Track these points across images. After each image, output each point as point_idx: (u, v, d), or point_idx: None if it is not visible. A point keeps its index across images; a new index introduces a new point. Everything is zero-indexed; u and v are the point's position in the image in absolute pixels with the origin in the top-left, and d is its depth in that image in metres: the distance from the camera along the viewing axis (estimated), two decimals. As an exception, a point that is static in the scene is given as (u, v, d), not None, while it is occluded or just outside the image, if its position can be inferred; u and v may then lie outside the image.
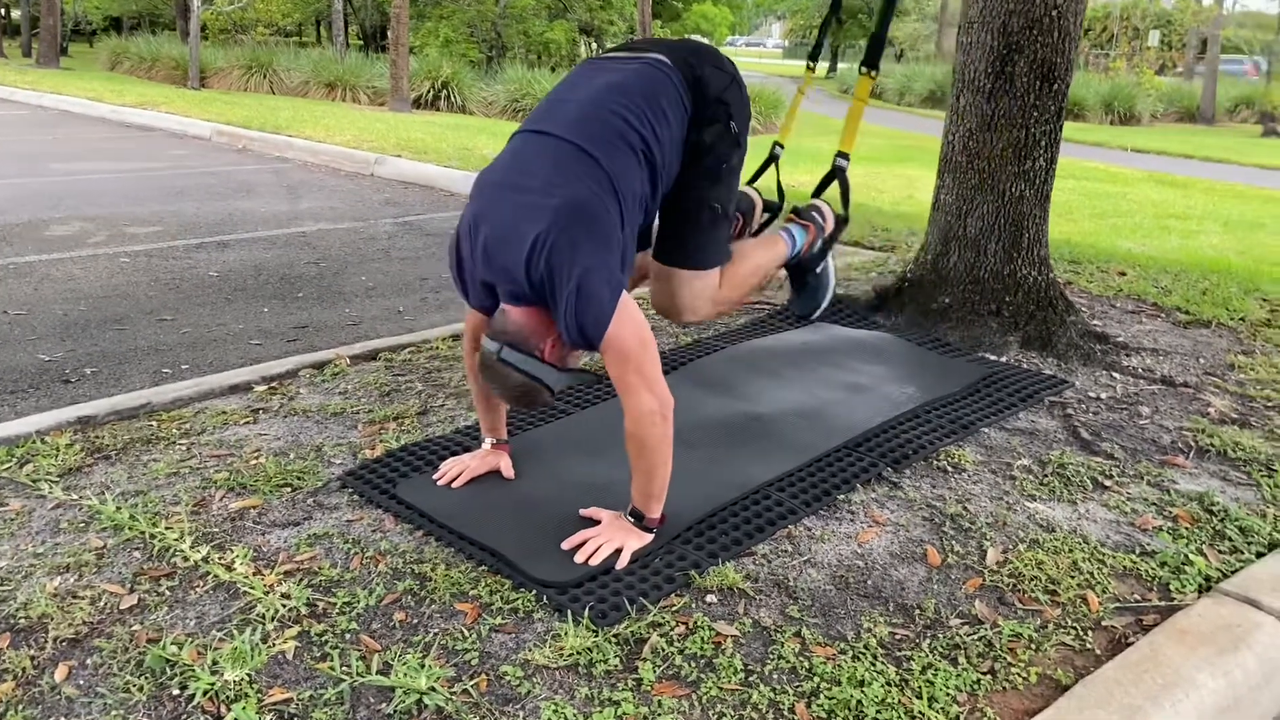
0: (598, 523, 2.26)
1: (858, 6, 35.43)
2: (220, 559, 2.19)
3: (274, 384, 3.24)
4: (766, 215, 2.85)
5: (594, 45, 26.34)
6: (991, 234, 3.48)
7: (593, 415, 2.89)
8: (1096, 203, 10.57)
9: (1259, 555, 2.30)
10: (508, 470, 2.52)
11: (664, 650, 1.90)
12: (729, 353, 3.27)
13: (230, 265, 5.30)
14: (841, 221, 2.72)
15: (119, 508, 2.39)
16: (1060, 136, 3.48)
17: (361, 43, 27.51)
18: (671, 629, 1.97)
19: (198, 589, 2.08)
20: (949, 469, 2.65)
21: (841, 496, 2.47)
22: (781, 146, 2.98)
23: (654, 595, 2.06)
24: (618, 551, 2.17)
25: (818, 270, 2.73)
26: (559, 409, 2.93)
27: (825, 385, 3.06)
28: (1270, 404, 3.18)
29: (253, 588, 2.08)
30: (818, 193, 2.80)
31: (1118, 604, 2.10)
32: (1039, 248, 3.54)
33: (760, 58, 58.57)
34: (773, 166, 2.94)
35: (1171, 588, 2.16)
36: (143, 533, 2.28)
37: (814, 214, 2.72)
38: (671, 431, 2.14)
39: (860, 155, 15.54)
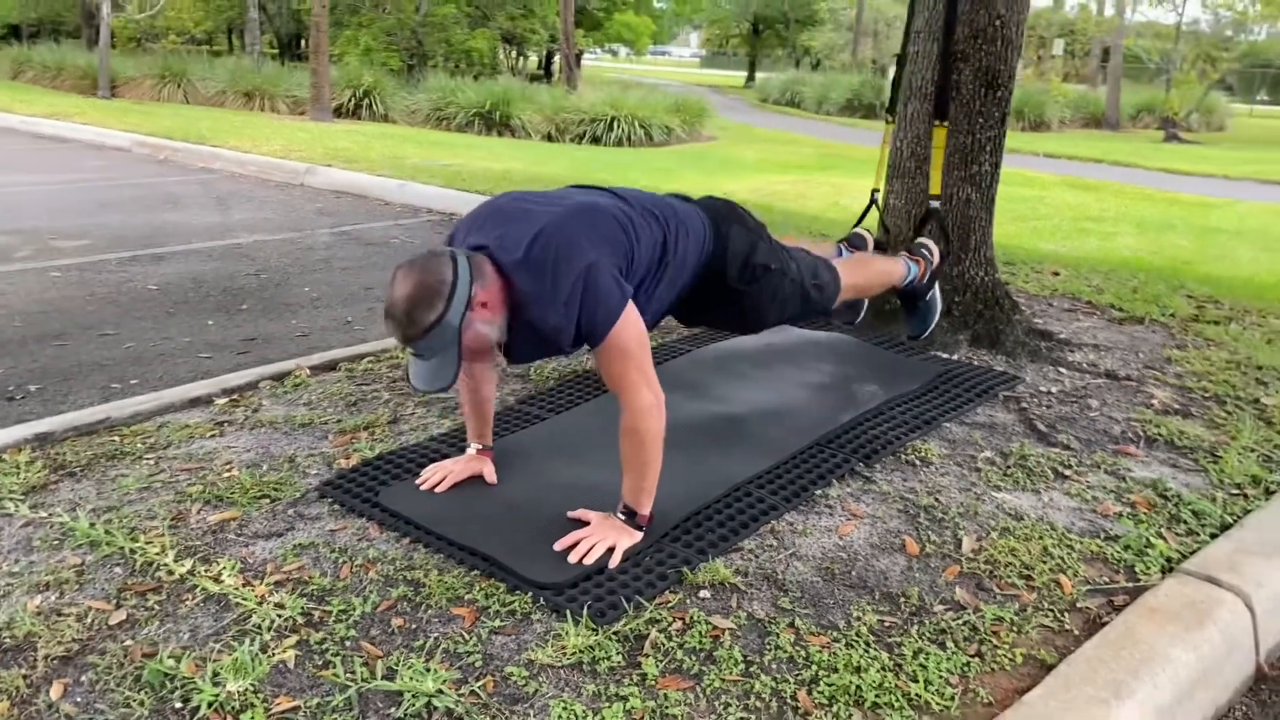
0: (587, 524, 2.29)
1: (774, 18, 35.99)
2: (207, 571, 2.16)
3: (235, 396, 3.20)
4: (878, 252, 3.34)
5: (515, 54, 26.30)
6: (940, 236, 3.59)
7: (568, 420, 2.92)
8: (1016, 206, 10.89)
9: (1213, 536, 2.42)
10: (490, 475, 2.53)
11: (664, 645, 1.94)
12: (695, 356, 3.33)
13: (168, 278, 5.19)
14: (945, 256, 3.15)
15: (93, 524, 2.34)
16: (1004, 141, 3.62)
17: (276, 51, 27.05)
18: (669, 624, 2.01)
19: (187, 602, 2.06)
20: (917, 463, 2.74)
21: (819, 492, 2.54)
22: (878, 191, 3.47)
23: (649, 592, 2.09)
24: (610, 551, 2.20)
25: (927, 297, 3.17)
26: (534, 414, 2.95)
27: (792, 385, 3.13)
28: (1207, 395, 3.34)
29: (244, 599, 2.06)
30: (918, 232, 3.27)
31: (1089, 586, 2.20)
32: (985, 249, 3.67)
33: (677, 66, 59.06)
34: (874, 209, 3.48)
35: (1137, 569, 2.27)
36: (121, 548, 2.25)
37: (923, 250, 3.15)
38: (664, 428, 2.19)
39: (787, 164, 15.88)
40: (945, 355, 3.53)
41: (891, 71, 3.73)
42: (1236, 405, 3.25)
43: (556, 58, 32.57)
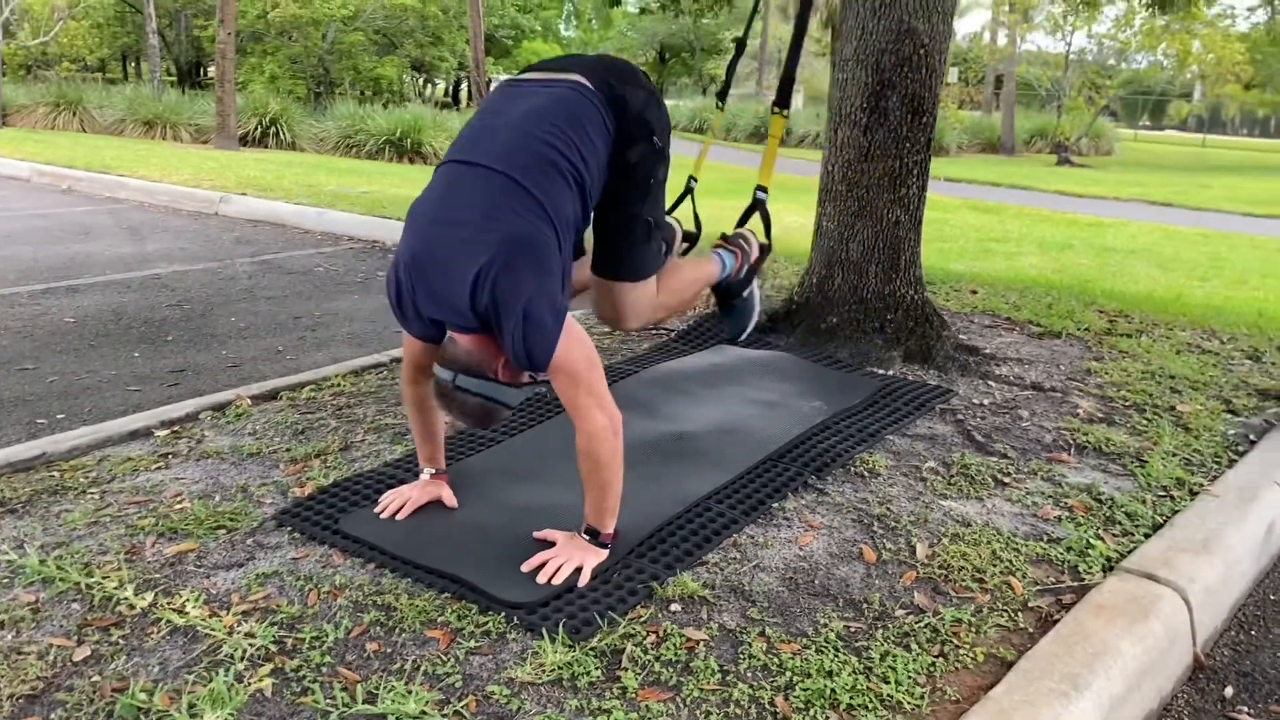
0: (552, 544, 2.31)
1: (680, 46, 36.51)
2: (169, 604, 2.13)
3: (175, 428, 3.14)
4: (685, 244, 2.96)
5: (423, 81, 26.18)
6: (872, 257, 3.72)
7: (521, 442, 2.94)
8: (924, 229, 11.21)
9: (1146, 536, 2.55)
10: (450, 499, 2.53)
11: (641, 659, 1.97)
12: (643, 376, 3.38)
13: (86, 310, 5.05)
14: (765, 249, 2.89)
15: (43, 560, 2.28)
16: (929, 165, 3.77)
17: (174, 79, 26.49)
18: (644, 638, 2.04)
19: (153, 635, 2.02)
20: (866, 474, 2.83)
21: (775, 505, 2.61)
22: (695, 180, 3.10)
23: (621, 608, 2.12)
24: (578, 570, 2.23)
25: (744, 295, 2.89)
26: (488, 437, 2.96)
27: (739, 402, 3.20)
28: (1128, 404, 3.51)
29: (213, 629, 2.03)
30: (741, 223, 2.95)
31: (1038, 586, 2.30)
32: (914, 268, 3.81)
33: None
34: (689, 198, 3.06)
35: (1080, 569, 2.38)
36: (77, 583, 2.19)
37: (741, 241, 2.88)
38: (622, 447, 2.22)
39: (699, 189, 16.02)
40: (881, 371, 3.65)
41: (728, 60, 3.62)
42: (1155, 413, 3.42)
43: (464, 85, 32.57)
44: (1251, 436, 3.28)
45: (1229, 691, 2.19)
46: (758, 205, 2.96)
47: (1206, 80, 30.01)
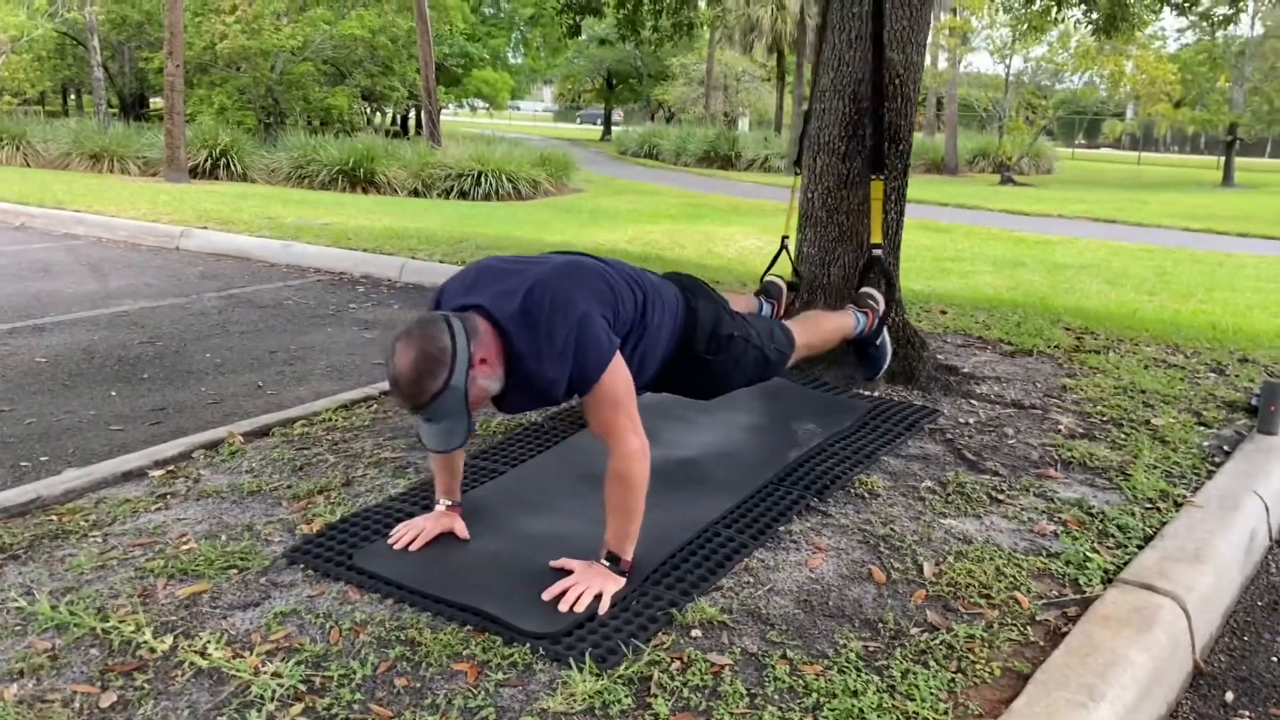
0: (570, 572, 2.34)
1: (628, 73, 36.76)
2: (190, 646, 2.12)
3: (170, 468, 3.12)
4: (792, 294, 3.45)
5: (373, 110, 26.08)
6: (853, 281, 3.79)
7: (526, 473, 2.96)
8: (881, 250, 11.39)
9: (1139, 548, 2.63)
10: (462, 531, 2.55)
11: (669, 685, 2.00)
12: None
13: (56, 350, 4.98)
14: (890, 303, 3.30)
15: (54, 606, 2.26)
16: (906, 191, 3.87)
17: (117, 111, 26.13)
18: (670, 665, 2.07)
19: (178, 678, 2.01)
20: (866, 495, 2.89)
21: (782, 528, 2.65)
22: (788, 238, 3.52)
23: (643, 635, 2.15)
24: (598, 598, 2.25)
25: (877, 343, 3.35)
26: (493, 468, 2.97)
27: (735, 427, 3.26)
28: (1105, 419, 3.62)
29: (238, 670, 2.03)
30: (861, 281, 3.43)
31: (1043, 600, 2.37)
32: (895, 292, 3.89)
33: (533, 120, 59.54)
34: (784, 254, 3.62)
35: (1080, 582, 2.46)
36: (93, 629, 2.18)
37: (870, 301, 3.32)
38: (649, 472, 2.28)
39: (656, 214, 16.18)
40: (867, 393, 3.72)
41: (798, 128, 3.88)
42: (1132, 427, 3.53)
43: (412, 114, 32.52)
44: (1225, 447, 3.40)
45: (1229, 697, 2.26)
46: (875, 262, 3.42)
47: (1140, 100, 30.87)
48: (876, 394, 3.73)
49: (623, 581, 2.31)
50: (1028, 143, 27.95)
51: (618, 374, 2.22)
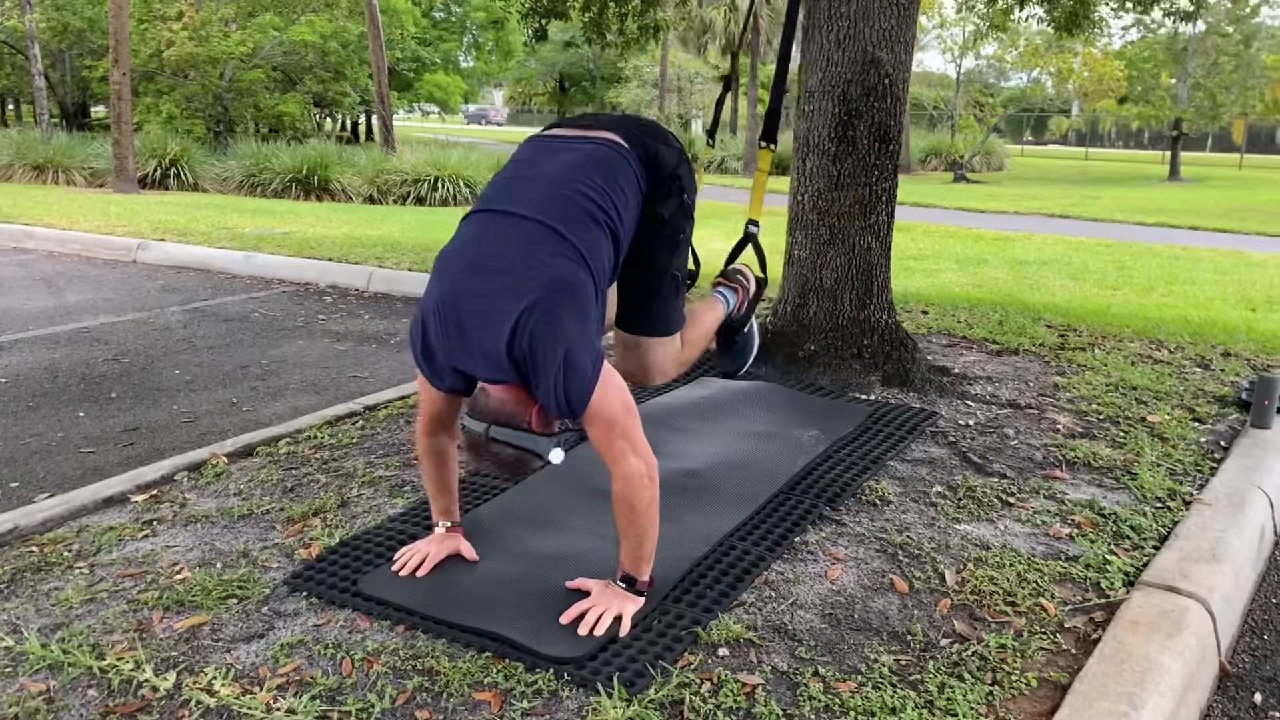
0: (587, 593, 2.26)
1: (580, 76, 36.62)
2: (195, 683, 2.01)
3: (153, 492, 2.99)
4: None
5: (325, 116, 25.73)
6: (845, 284, 3.76)
7: (526, 489, 2.87)
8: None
9: (1156, 549, 2.61)
10: (469, 552, 2.46)
11: (702, 709, 1.93)
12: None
13: (17, 369, 4.80)
14: (761, 283, 2.92)
15: (45, 644, 2.14)
16: (896, 192, 3.83)
17: (59, 120, 25.55)
18: (700, 686, 2.00)
19: (186, 719, 1.91)
20: (877, 502, 2.84)
21: (798, 539, 2.60)
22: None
23: (669, 656, 2.08)
24: (617, 619, 2.18)
25: (745, 330, 2.91)
26: (492, 486, 2.88)
27: (738, 436, 3.19)
28: (1101, 417, 3.61)
29: (250, 708, 1.93)
30: (732, 258, 2.98)
31: (1069, 606, 2.33)
32: (886, 293, 3.86)
33: (484, 124, 59.12)
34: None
35: (1102, 585, 2.42)
36: (89, 667, 2.06)
37: (739, 277, 2.89)
38: (658, 493, 2.19)
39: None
40: (863, 396, 3.68)
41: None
42: (1129, 425, 3.52)
43: (362, 120, 32.16)
44: (1222, 443, 3.40)
45: (1258, 698, 2.24)
46: (750, 239, 2.98)
47: (1087, 96, 31.37)
48: (871, 397, 3.69)
49: (641, 601, 2.23)
50: (980, 141, 28.27)
51: (608, 395, 2.10)
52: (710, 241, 11.60)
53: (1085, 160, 40.82)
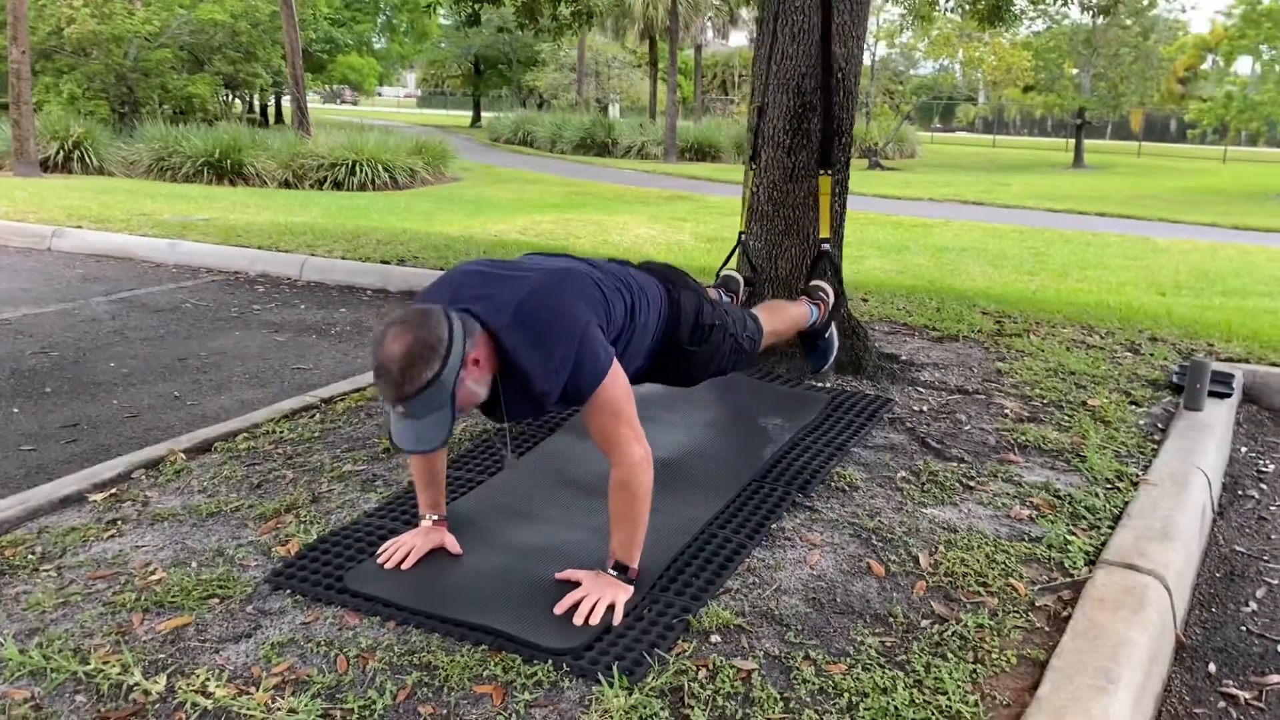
0: (577, 584, 2.28)
1: (496, 58, 36.23)
2: (188, 685, 1.98)
3: (112, 491, 2.92)
4: (749, 288, 3.47)
5: (234, 98, 25.02)
6: (800, 274, 3.82)
7: (501, 482, 2.87)
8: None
9: (1111, 528, 2.73)
10: (454, 546, 2.46)
11: (701, 694, 1.98)
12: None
13: (-61, 364, 4.61)
14: (839, 295, 3.29)
15: (24, 650, 2.09)
16: (848, 184, 3.91)
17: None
18: (697, 673, 2.04)
19: (183, 722, 1.88)
20: (846, 488, 2.91)
21: (775, 526, 2.65)
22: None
23: (664, 644, 2.12)
24: (610, 608, 2.21)
25: (826, 335, 3.32)
26: (468, 479, 2.88)
27: (705, 426, 3.24)
28: (1045, 401, 3.75)
29: (249, 709, 1.91)
30: (811, 275, 3.43)
31: (1038, 585, 2.43)
32: (838, 283, 3.93)
33: (397, 107, 58.17)
34: (740, 251, 3.61)
35: (1066, 565, 2.53)
36: (74, 672, 2.02)
37: (820, 293, 3.30)
38: (653, 480, 2.24)
39: (541, 203, 16.03)
40: (819, 384, 3.76)
41: (752, 121, 3.86)
42: (1072, 409, 3.66)
43: (272, 102, 31.37)
44: (1160, 425, 3.56)
45: (1212, 668, 2.37)
46: (823, 256, 3.44)
47: (995, 85, 32.16)
48: (828, 385, 3.77)
49: (631, 590, 2.27)
50: (893, 128, 28.81)
51: (616, 383, 2.17)
52: (634, 228, 11.67)
53: (993, 147, 41.88)
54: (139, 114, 18.98)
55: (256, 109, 30.94)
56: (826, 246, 3.39)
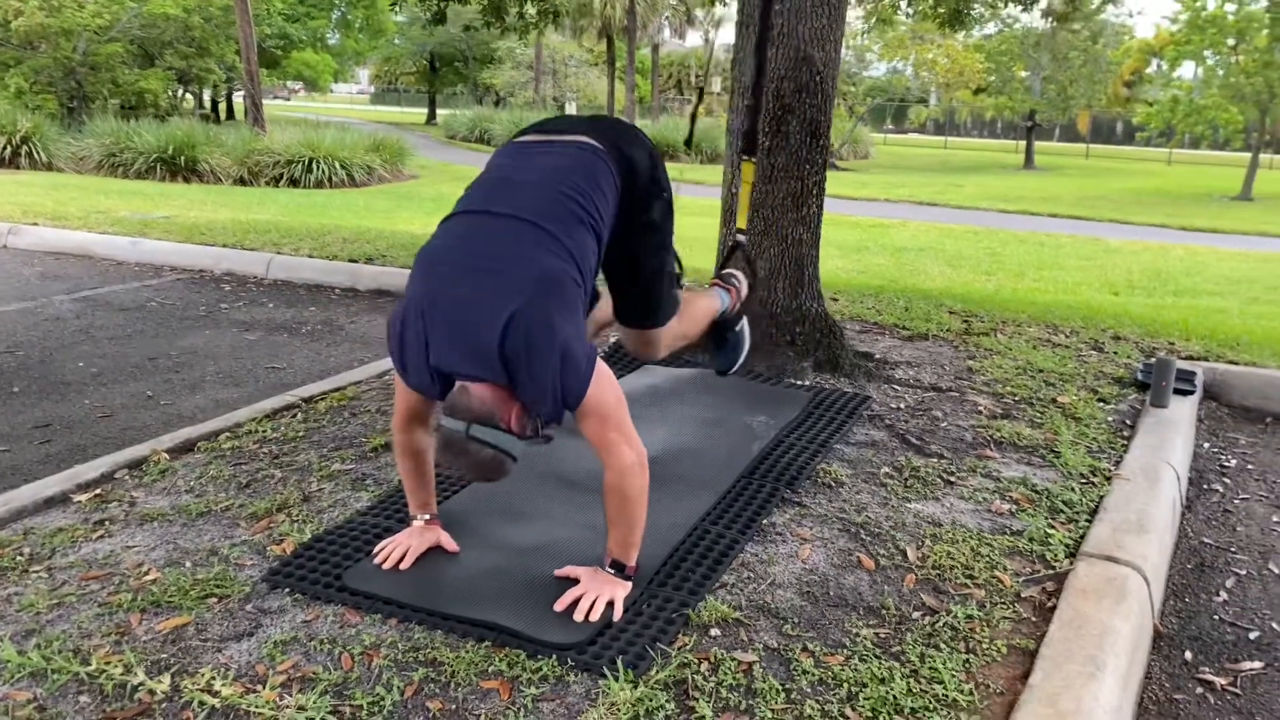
0: (576, 580, 2.31)
1: (452, 56, 36.00)
2: (193, 684, 1.98)
3: (96, 491, 2.90)
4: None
5: (186, 94, 24.63)
6: (779, 274, 3.88)
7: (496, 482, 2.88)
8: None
9: (1089, 522, 2.81)
10: (450, 544, 2.48)
11: (705, 687, 2.02)
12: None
13: (-99, 364, 4.53)
14: (753, 288, 3.09)
15: (22, 651, 2.08)
16: (825, 185, 3.97)
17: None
18: (699, 666, 2.08)
19: (192, 721, 1.89)
20: (833, 484, 2.97)
21: (765, 521, 2.70)
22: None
23: (665, 638, 2.16)
24: (610, 604, 2.24)
25: (736, 328, 3.04)
26: (458, 479, 2.89)
27: (690, 423, 3.28)
28: (1017, 398, 3.84)
29: (257, 707, 1.92)
30: (724, 264, 3.17)
31: (1023, 577, 2.50)
32: (816, 283, 4.01)
33: (350, 103, 57.59)
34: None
35: (1048, 557, 2.60)
36: (75, 673, 2.01)
37: (733, 280, 3.05)
38: (648, 482, 2.26)
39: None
40: (797, 382, 3.82)
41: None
42: (1043, 406, 3.76)
43: (225, 98, 30.95)
44: (1128, 422, 3.66)
45: (1189, 656, 2.45)
46: (738, 246, 3.17)
47: (948, 88, 32.59)
48: (805, 383, 3.83)
49: (629, 586, 2.30)
50: (848, 129, 29.11)
51: (602, 387, 2.16)
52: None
53: (945, 149, 42.46)
54: (88, 109, 18.63)
55: (208, 105, 30.51)
56: (742, 238, 3.20)
